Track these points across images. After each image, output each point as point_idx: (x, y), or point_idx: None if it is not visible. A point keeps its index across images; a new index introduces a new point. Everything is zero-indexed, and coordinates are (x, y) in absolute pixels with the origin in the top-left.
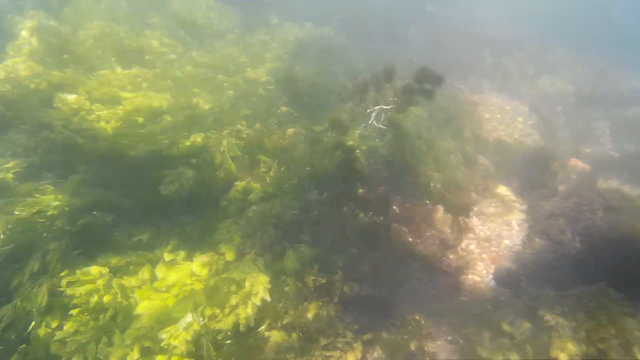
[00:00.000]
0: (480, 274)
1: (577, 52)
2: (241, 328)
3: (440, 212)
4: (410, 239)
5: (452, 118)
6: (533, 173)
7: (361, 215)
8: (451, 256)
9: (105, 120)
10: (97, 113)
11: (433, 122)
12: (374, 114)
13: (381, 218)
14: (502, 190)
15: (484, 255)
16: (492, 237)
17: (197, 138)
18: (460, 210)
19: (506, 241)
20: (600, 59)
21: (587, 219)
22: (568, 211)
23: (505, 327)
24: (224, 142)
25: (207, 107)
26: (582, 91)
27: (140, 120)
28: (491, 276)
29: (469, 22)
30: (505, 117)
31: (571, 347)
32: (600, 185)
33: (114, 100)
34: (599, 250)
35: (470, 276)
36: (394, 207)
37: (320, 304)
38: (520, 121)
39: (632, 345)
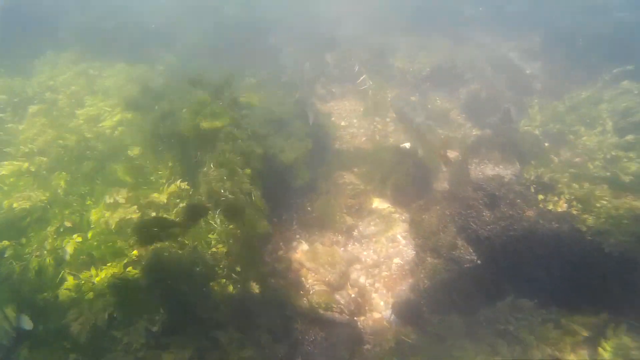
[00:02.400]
0: (379, 307)
1: (421, 36)
2: None
3: (319, 250)
4: (292, 293)
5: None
6: (402, 174)
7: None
8: (342, 300)
9: None
10: None
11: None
12: None
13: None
14: (378, 203)
15: (377, 285)
16: (381, 260)
17: None
18: (339, 241)
19: (396, 260)
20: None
21: (476, 224)
22: (454, 219)
23: None
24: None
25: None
26: (428, 73)
27: None
28: (390, 310)
29: (309, 21)
30: (362, 120)
31: None
32: (475, 174)
33: None
34: (496, 259)
35: (369, 314)
36: (266, 258)
37: None
38: (379, 120)
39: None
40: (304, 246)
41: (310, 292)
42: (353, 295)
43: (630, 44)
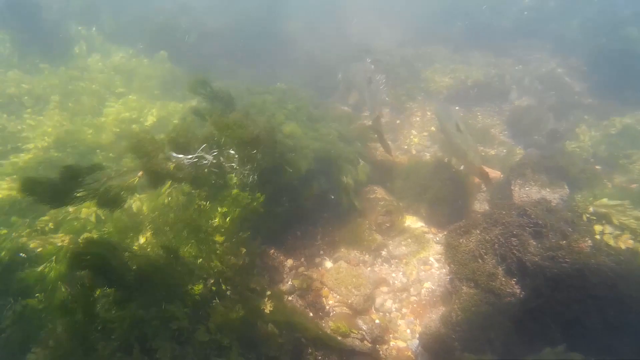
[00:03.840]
0: (404, 335)
1: (459, 50)
2: None
3: (344, 269)
4: (312, 314)
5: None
6: (438, 191)
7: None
8: (364, 326)
9: None
10: None
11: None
12: None
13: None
14: (411, 222)
15: (404, 310)
16: (410, 284)
17: None
18: (366, 261)
19: (427, 284)
20: (479, 49)
21: (520, 254)
22: (495, 247)
23: None
24: None
25: None
26: (469, 87)
27: None
28: (417, 341)
29: (342, 32)
30: (397, 133)
31: None
32: (519, 197)
33: None
34: (542, 295)
35: (393, 343)
36: (284, 275)
37: None
38: (415, 134)
39: None
40: (328, 263)
41: (330, 315)
42: (377, 321)
43: None
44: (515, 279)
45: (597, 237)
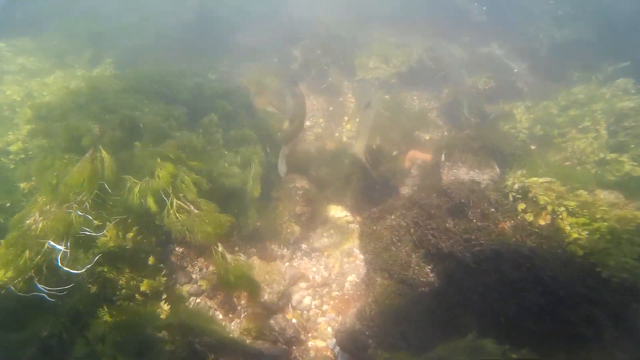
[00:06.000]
0: (325, 333)
1: (399, 33)
2: None
3: (256, 265)
4: (222, 316)
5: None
6: (365, 178)
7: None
8: (276, 327)
9: None
10: None
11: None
12: None
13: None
14: (335, 211)
15: (324, 307)
16: (332, 278)
17: None
18: (284, 255)
19: (351, 277)
20: (427, 36)
21: (436, 237)
22: (410, 231)
23: None
24: None
25: None
26: (407, 70)
27: None
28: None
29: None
30: (330, 119)
31: None
32: (447, 178)
33: None
34: (457, 282)
35: (311, 343)
36: (193, 275)
37: None
38: (347, 120)
39: None
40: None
41: (242, 316)
42: (294, 320)
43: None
44: (430, 267)
45: (519, 217)
